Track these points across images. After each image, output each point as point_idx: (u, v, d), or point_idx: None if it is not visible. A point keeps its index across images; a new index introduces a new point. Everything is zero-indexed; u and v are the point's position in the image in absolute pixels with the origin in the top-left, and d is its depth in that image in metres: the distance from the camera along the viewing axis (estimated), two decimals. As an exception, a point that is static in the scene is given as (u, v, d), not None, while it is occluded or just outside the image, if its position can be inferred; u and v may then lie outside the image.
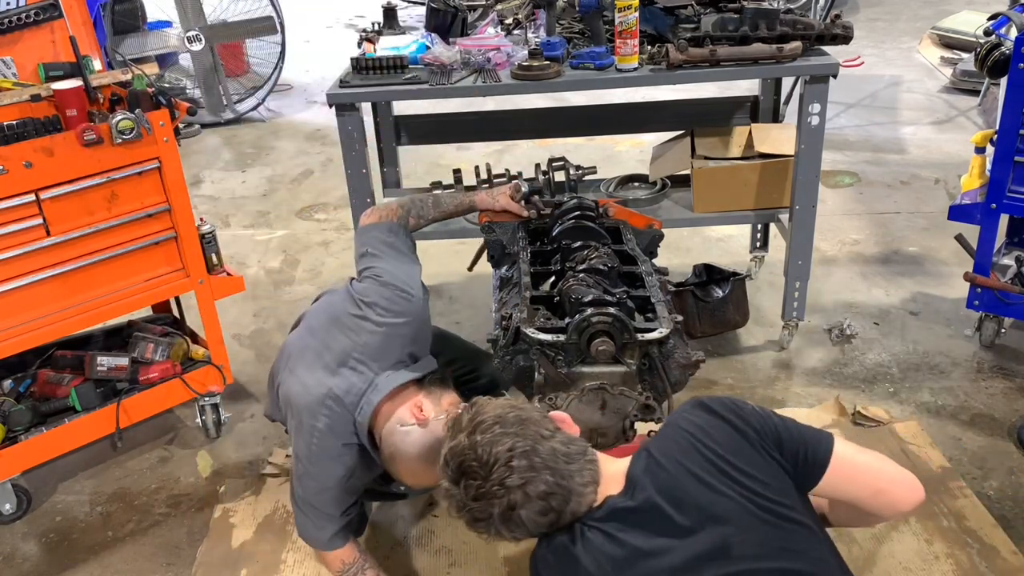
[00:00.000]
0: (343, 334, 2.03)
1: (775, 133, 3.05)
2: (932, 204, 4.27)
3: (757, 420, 1.55)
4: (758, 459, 1.51)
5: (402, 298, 2.04)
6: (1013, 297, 2.83)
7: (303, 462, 2.02)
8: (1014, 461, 2.59)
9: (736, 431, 1.53)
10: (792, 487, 1.52)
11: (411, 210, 2.30)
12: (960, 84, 5.81)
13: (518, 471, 1.44)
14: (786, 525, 1.46)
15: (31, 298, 2.41)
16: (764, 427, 1.54)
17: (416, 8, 6.11)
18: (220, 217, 4.61)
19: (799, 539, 1.46)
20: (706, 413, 1.56)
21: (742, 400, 1.60)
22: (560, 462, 1.48)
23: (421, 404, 1.96)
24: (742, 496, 1.46)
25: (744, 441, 1.52)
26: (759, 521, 1.45)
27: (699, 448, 1.51)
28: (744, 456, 1.50)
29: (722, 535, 1.42)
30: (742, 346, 3.21)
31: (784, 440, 1.54)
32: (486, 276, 2.64)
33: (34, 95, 2.50)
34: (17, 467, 2.51)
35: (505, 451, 1.45)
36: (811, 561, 1.45)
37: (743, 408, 1.58)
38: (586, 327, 1.94)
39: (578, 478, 1.49)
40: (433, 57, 2.82)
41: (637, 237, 2.46)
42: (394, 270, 2.09)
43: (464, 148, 5.17)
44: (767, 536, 1.44)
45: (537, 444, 1.48)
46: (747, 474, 1.48)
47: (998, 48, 2.88)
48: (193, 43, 5.48)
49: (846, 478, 1.55)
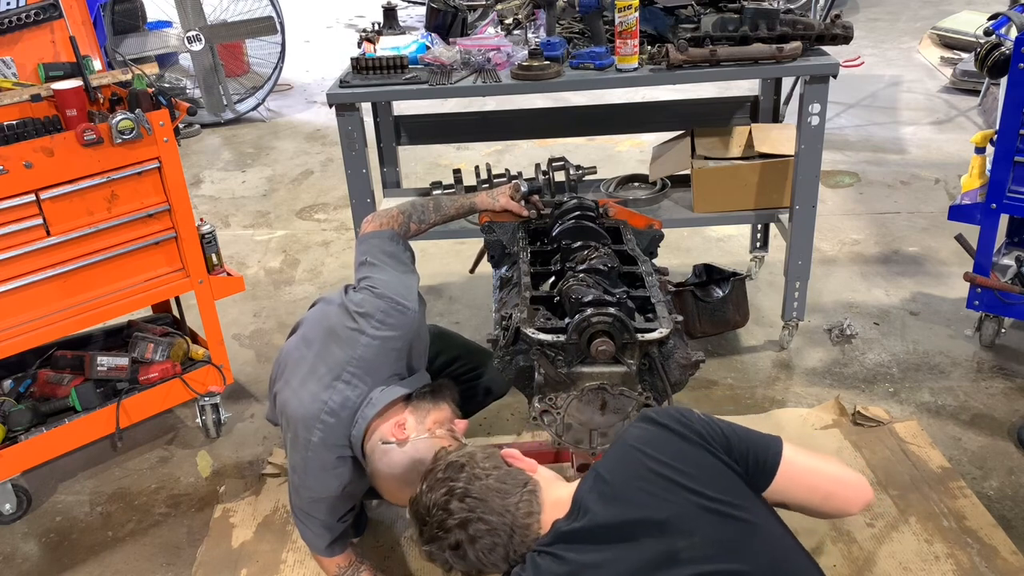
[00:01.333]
0: (338, 346, 2.02)
1: (775, 133, 3.05)
2: (932, 204, 4.27)
3: (703, 426, 1.57)
4: (705, 462, 1.52)
5: (397, 311, 2.01)
6: (1013, 297, 2.83)
7: (299, 474, 2.03)
8: (1014, 461, 2.60)
9: (681, 438, 1.55)
10: (743, 486, 1.53)
11: (412, 215, 2.28)
12: (960, 84, 5.81)
13: (455, 513, 1.53)
14: (735, 524, 1.47)
15: (31, 298, 2.41)
16: (710, 432, 1.56)
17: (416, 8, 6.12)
18: (220, 217, 4.61)
19: (750, 537, 1.47)
20: (651, 425, 1.59)
21: (688, 409, 1.62)
22: (495, 499, 1.54)
23: (404, 422, 1.95)
24: (688, 501, 1.47)
25: (689, 446, 1.53)
26: (707, 523, 1.46)
27: (644, 460, 1.53)
28: (690, 461, 1.52)
29: (668, 542, 1.44)
30: (742, 346, 3.21)
31: (732, 444, 1.56)
32: (486, 276, 2.64)
33: (34, 95, 2.50)
34: (17, 467, 2.51)
35: (441, 496, 1.55)
36: (762, 558, 1.46)
37: (689, 415, 1.60)
38: (586, 327, 1.94)
39: (517, 511, 1.54)
40: (433, 57, 2.82)
41: (637, 237, 2.46)
42: (391, 280, 2.07)
43: (464, 148, 5.17)
44: (715, 537, 1.45)
45: (470, 485, 1.55)
46: (693, 477, 1.49)
47: (998, 48, 2.88)
48: (193, 43, 5.48)
49: (796, 482, 1.57)
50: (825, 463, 1.64)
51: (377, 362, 2.00)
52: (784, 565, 1.49)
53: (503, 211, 2.47)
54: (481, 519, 1.52)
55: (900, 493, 2.45)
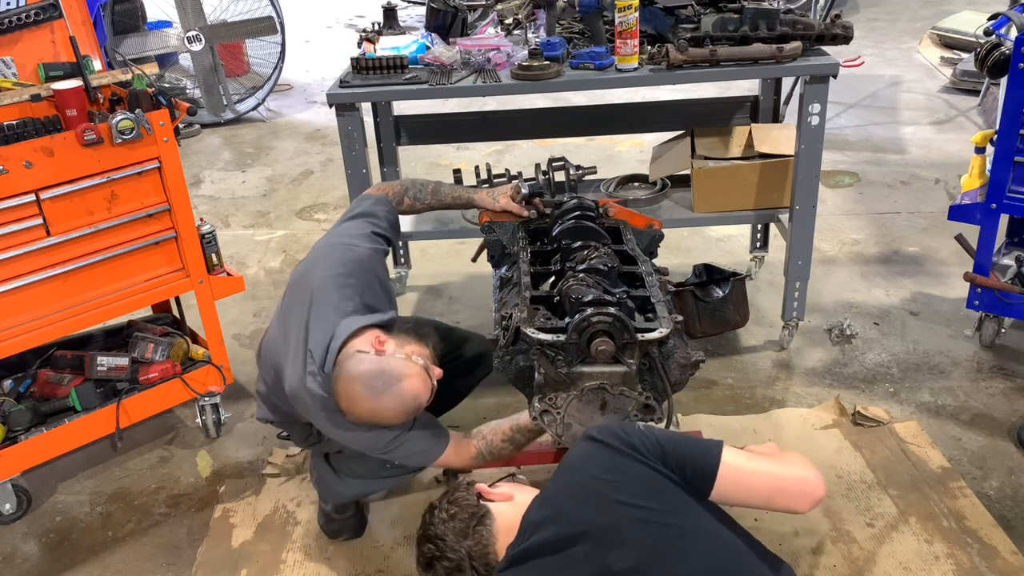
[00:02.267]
0: (297, 309, 2.05)
1: (775, 133, 3.06)
2: (932, 204, 4.27)
3: (638, 438, 1.65)
4: (637, 472, 1.60)
5: (346, 248, 2.09)
6: (1013, 297, 2.83)
7: (342, 433, 2.04)
8: (1014, 461, 2.59)
9: (615, 452, 1.63)
10: (679, 493, 1.60)
11: (409, 190, 2.37)
12: (960, 84, 5.81)
13: (425, 554, 1.74)
14: (665, 530, 1.54)
15: (31, 298, 2.41)
16: (644, 444, 1.64)
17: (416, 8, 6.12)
18: (220, 217, 4.61)
19: (679, 541, 1.54)
20: (589, 443, 1.69)
21: (631, 424, 1.72)
22: (455, 537, 1.71)
23: (385, 340, 1.97)
24: (619, 512, 1.55)
25: (622, 459, 1.62)
26: (637, 532, 1.53)
27: (579, 478, 1.64)
28: (621, 473, 1.61)
29: (602, 554, 1.51)
30: (742, 346, 3.21)
31: (668, 452, 1.64)
32: (486, 276, 2.64)
33: (34, 95, 2.50)
34: (17, 467, 2.51)
35: (417, 539, 1.77)
36: (696, 561, 1.52)
37: (628, 430, 1.68)
38: (586, 327, 1.94)
39: (473, 545, 1.69)
40: (433, 57, 2.82)
41: (637, 237, 2.46)
42: (347, 228, 2.17)
43: (464, 148, 5.17)
44: (646, 544, 1.52)
45: (434, 527, 1.73)
46: (623, 489, 1.58)
47: (998, 48, 2.88)
48: (193, 43, 5.48)
49: (736, 485, 1.63)
50: (769, 464, 1.70)
51: (333, 299, 2.01)
52: (724, 564, 1.54)
53: (503, 211, 2.47)
54: (445, 557, 1.70)
55: (900, 493, 2.45)
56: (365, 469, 2.26)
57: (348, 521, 2.41)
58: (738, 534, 1.64)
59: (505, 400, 2.92)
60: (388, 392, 1.91)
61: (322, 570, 2.33)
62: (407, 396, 1.93)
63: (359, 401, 1.91)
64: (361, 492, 2.36)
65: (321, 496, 2.41)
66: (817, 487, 1.68)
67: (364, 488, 2.34)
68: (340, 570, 2.33)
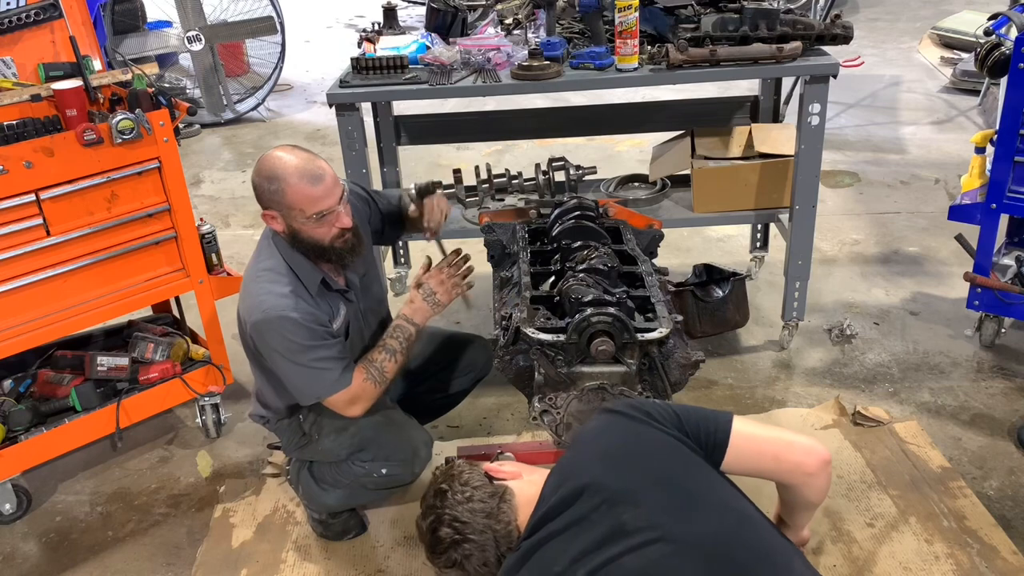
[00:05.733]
0: None
1: (775, 133, 3.05)
2: (932, 204, 4.27)
3: (653, 408, 1.67)
4: (653, 438, 1.61)
5: None
6: (1013, 297, 2.83)
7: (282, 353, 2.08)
8: (1014, 461, 2.59)
9: (630, 419, 1.64)
10: (695, 458, 1.61)
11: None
12: (960, 84, 5.81)
13: (444, 540, 1.67)
14: (680, 492, 1.55)
15: (31, 298, 2.41)
16: (660, 413, 1.66)
17: (416, 8, 6.12)
18: (220, 217, 4.61)
19: (695, 503, 1.54)
20: (606, 414, 1.70)
21: (643, 398, 1.74)
22: (476, 519, 1.67)
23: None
24: (635, 475, 1.56)
25: (639, 425, 1.63)
26: (652, 494, 1.53)
27: (595, 445, 1.64)
28: (636, 439, 1.62)
29: (616, 514, 1.51)
30: (742, 346, 3.21)
31: (683, 420, 1.65)
32: (486, 276, 2.64)
33: (34, 95, 2.50)
34: (17, 467, 2.51)
35: (430, 524, 1.70)
36: (709, 524, 1.52)
37: (642, 402, 1.72)
38: (586, 327, 1.94)
39: (497, 524, 1.67)
40: (433, 57, 2.82)
41: (637, 237, 2.46)
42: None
43: (464, 148, 5.17)
44: (661, 505, 1.52)
45: (452, 510, 1.68)
46: (639, 454, 1.59)
47: (998, 48, 2.88)
48: (193, 43, 5.48)
49: (748, 450, 1.66)
50: (773, 431, 1.75)
51: None
52: (739, 529, 1.54)
53: (505, 211, 2.47)
54: (467, 539, 1.66)
55: (900, 493, 2.45)
56: (345, 478, 2.28)
57: (348, 521, 2.42)
58: (752, 505, 1.65)
59: (505, 400, 2.92)
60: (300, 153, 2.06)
61: (322, 570, 2.33)
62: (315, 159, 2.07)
63: (304, 182, 2.02)
64: (346, 503, 2.38)
65: (309, 507, 2.42)
66: (822, 449, 1.70)
67: (348, 499, 2.36)
68: (340, 570, 2.33)
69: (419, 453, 2.28)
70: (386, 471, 2.24)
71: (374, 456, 2.23)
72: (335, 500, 2.34)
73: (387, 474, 2.25)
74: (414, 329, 2.22)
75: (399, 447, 2.25)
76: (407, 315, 2.23)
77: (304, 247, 2.11)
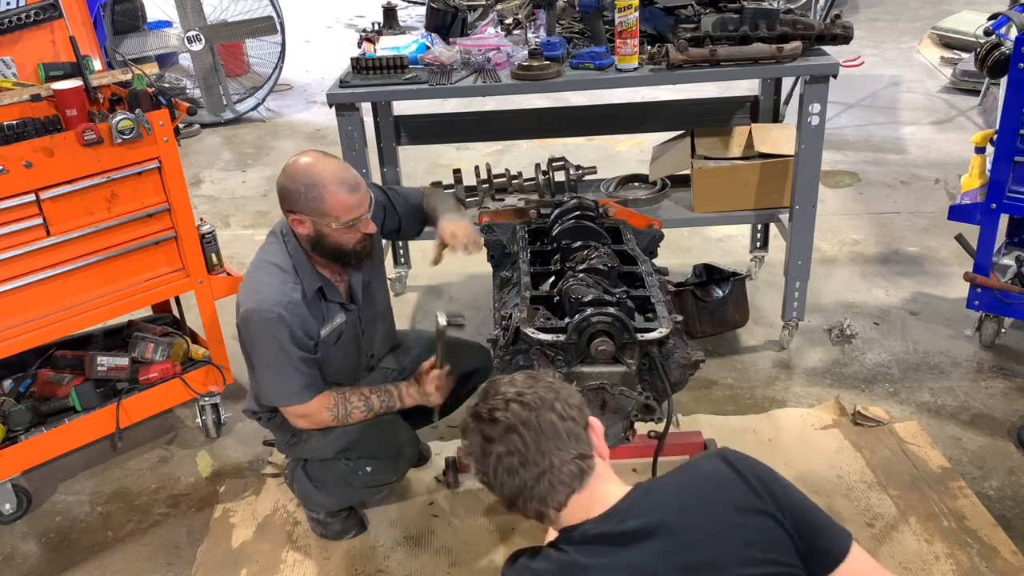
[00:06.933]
0: None
1: (775, 133, 3.05)
2: (932, 204, 4.27)
3: (779, 488, 1.43)
4: (769, 528, 1.39)
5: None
6: (1013, 297, 2.83)
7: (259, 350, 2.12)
8: (1014, 461, 2.59)
9: (753, 494, 1.41)
10: (798, 560, 1.39)
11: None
12: (960, 84, 5.81)
13: (509, 412, 1.40)
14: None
15: (31, 298, 2.41)
16: (786, 497, 1.42)
17: (416, 8, 6.11)
18: (220, 217, 4.61)
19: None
20: (725, 465, 1.45)
21: (771, 468, 1.48)
22: (548, 437, 1.39)
23: None
24: (736, 552, 1.36)
25: (758, 500, 1.40)
26: (736, 565, 1.35)
27: (703, 495, 1.42)
28: (748, 514, 1.39)
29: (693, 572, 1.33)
30: (742, 346, 3.21)
31: (805, 515, 1.42)
32: (486, 276, 2.64)
33: (34, 95, 2.50)
34: (17, 467, 2.51)
35: (512, 392, 1.42)
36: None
37: (769, 473, 1.46)
38: (586, 327, 1.94)
39: (557, 463, 1.39)
40: (433, 57, 2.82)
41: (637, 237, 2.46)
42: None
43: (464, 148, 5.17)
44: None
45: (542, 410, 1.40)
46: (752, 541, 1.37)
47: (998, 48, 2.88)
48: (193, 43, 5.48)
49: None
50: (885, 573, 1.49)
51: None
52: None
53: (506, 210, 2.47)
54: (523, 438, 1.38)
55: (900, 493, 2.45)
56: (334, 476, 2.29)
57: (347, 521, 2.42)
58: None
59: (505, 400, 2.92)
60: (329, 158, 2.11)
61: (322, 570, 2.33)
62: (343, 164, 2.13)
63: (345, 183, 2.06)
64: (338, 501, 2.38)
65: (307, 507, 2.42)
66: None
67: (340, 498, 2.37)
68: (340, 570, 2.33)
69: (403, 452, 2.31)
70: (371, 469, 2.26)
71: (359, 455, 2.25)
72: (328, 499, 2.35)
73: (372, 472, 2.27)
74: (399, 404, 2.30)
75: (384, 446, 2.27)
76: (401, 392, 2.30)
77: (324, 251, 2.13)
